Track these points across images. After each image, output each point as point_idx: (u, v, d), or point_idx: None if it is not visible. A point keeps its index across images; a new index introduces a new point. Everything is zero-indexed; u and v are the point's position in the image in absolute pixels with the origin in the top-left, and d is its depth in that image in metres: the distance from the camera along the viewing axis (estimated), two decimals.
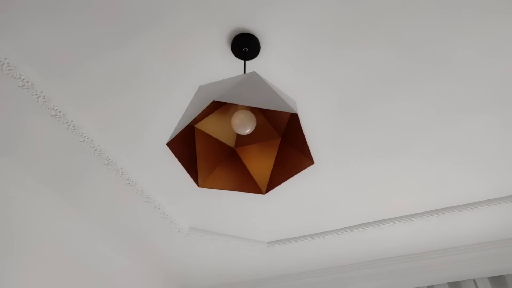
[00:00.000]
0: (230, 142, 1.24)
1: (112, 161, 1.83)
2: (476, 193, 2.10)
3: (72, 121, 1.62)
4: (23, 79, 1.45)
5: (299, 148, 1.13)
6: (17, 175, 1.84)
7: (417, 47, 1.40)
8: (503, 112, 1.66)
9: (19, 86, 1.47)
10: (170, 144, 1.01)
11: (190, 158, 1.14)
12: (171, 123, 1.67)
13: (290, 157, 1.16)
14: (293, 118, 1.14)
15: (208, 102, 0.88)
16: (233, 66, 1.44)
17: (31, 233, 1.94)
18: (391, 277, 2.58)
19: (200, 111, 0.89)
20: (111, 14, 1.27)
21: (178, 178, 1.96)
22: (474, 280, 2.47)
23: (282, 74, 1.48)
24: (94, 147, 1.74)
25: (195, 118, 1.13)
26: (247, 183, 1.18)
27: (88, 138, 1.70)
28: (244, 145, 1.25)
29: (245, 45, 1.35)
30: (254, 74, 1.03)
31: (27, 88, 1.48)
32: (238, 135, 1.25)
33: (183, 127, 0.94)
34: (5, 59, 1.38)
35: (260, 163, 1.21)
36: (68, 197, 2.02)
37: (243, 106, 1.16)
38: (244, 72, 1.27)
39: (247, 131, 1.10)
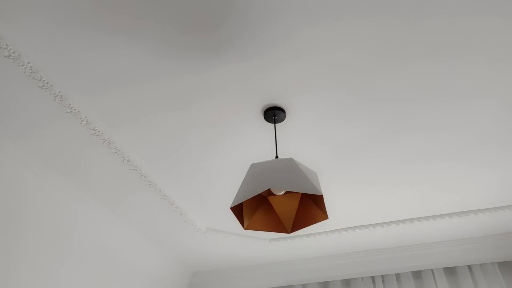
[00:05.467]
0: (264, 192, 1.69)
1: (152, 183, 2.26)
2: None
3: (126, 154, 2.03)
4: (71, 106, 1.83)
5: (317, 203, 1.59)
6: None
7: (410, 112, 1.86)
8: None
9: (67, 112, 1.86)
10: (233, 209, 1.45)
11: (238, 209, 1.59)
12: (205, 159, 2.10)
13: (309, 208, 1.62)
14: None
15: (262, 189, 1.32)
16: (265, 128, 1.88)
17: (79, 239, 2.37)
18: (378, 264, 3.17)
19: (256, 193, 1.33)
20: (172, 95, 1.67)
21: (200, 194, 2.41)
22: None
23: (304, 131, 1.93)
24: (141, 174, 2.16)
25: None
26: (277, 225, 1.64)
27: (137, 167, 2.12)
28: (274, 195, 1.70)
29: (274, 114, 1.78)
30: (291, 160, 1.47)
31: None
32: None
33: (242, 200, 1.37)
34: (56, 89, 1.76)
35: (286, 209, 1.67)
36: (113, 207, 2.48)
37: None
38: (275, 131, 1.71)
39: (282, 192, 1.55)
